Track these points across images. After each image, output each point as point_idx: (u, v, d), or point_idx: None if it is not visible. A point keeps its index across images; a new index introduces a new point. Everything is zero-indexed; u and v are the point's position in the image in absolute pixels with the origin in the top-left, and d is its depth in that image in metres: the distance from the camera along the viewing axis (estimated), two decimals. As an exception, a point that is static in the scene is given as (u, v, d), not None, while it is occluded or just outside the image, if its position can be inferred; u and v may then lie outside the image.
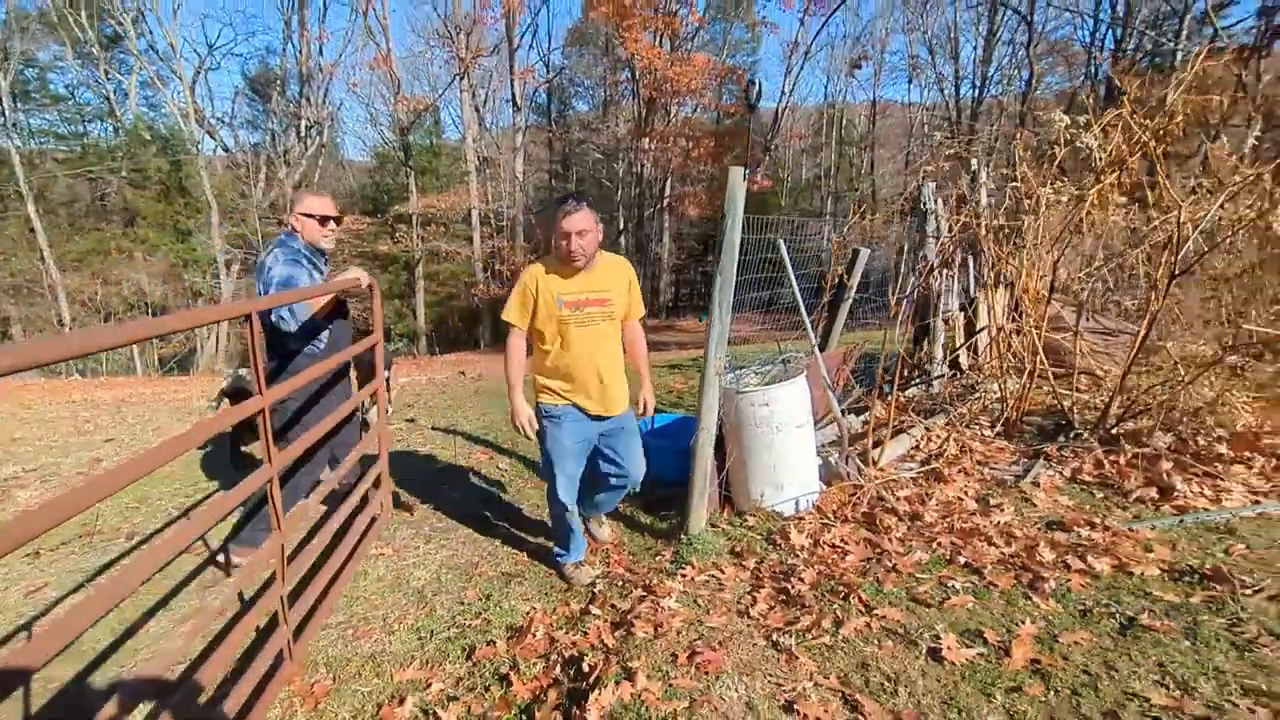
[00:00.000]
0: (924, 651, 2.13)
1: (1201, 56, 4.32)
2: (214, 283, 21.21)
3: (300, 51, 21.66)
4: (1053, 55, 21.07)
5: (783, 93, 25.05)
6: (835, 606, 2.41)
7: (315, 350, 2.77)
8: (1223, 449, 3.26)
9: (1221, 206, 3.60)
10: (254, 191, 21.55)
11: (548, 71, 27.30)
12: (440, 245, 22.40)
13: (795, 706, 1.91)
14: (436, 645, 2.40)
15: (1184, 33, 13.34)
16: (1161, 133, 3.87)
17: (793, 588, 2.55)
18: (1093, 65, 18.38)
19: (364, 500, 2.98)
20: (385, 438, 3.25)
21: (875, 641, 2.21)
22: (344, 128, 33.41)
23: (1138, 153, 3.85)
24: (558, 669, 2.18)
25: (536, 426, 2.66)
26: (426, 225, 22.39)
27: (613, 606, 2.54)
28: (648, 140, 22.76)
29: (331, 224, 2.85)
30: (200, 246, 21.62)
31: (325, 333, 2.81)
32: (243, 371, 4.73)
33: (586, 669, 2.12)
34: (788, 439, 3.13)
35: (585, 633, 2.36)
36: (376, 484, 3.18)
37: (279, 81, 23.43)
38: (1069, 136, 4.11)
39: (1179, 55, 12.45)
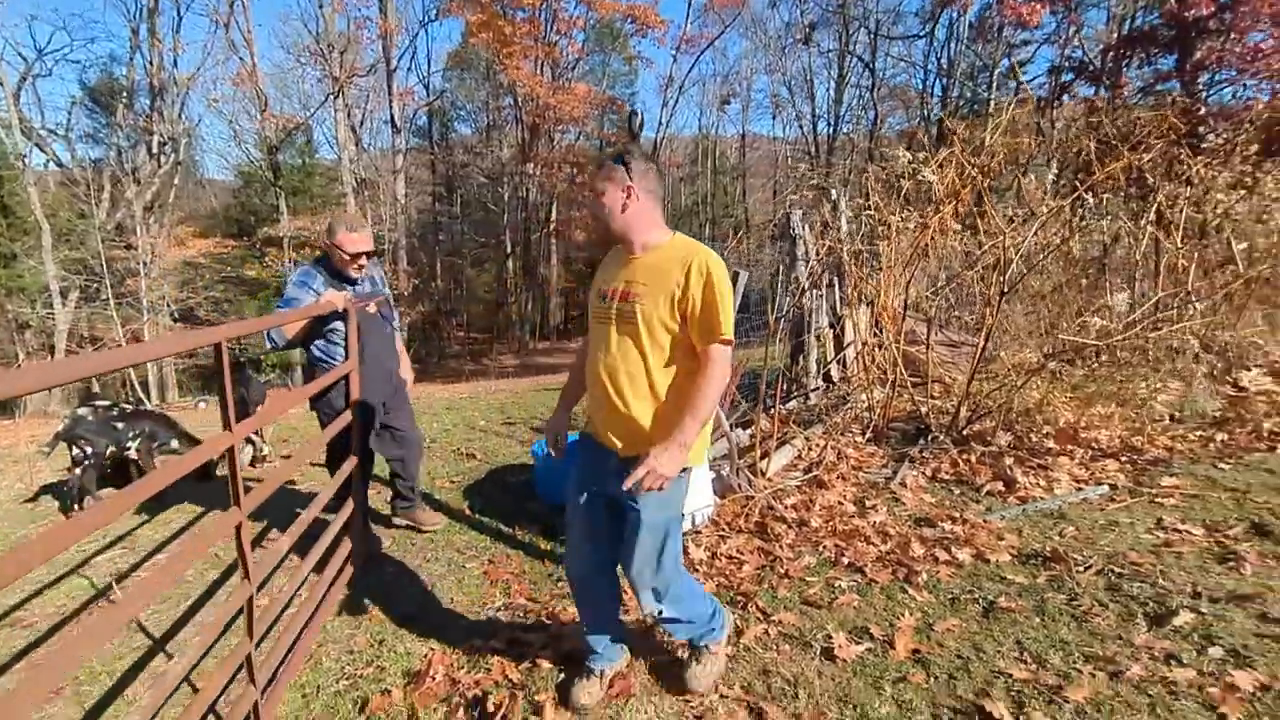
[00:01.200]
0: (818, 652, 2.20)
1: (1011, 106, 4.91)
2: (45, 313, 18.53)
3: (150, 62, 19.64)
4: (893, 99, 23.26)
5: (660, 124, 25.92)
6: (735, 616, 2.44)
7: (331, 363, 2.89)
8: (1050, 443, 3.67)
9: (1035, 233, 4.08)
10: (96, 212, 19.15)
11: (428, 94, 26.53)
12: (316, 270, 20.95)
13: (702, 718, 1.90)
14: (324, 702, 2.17)
15: (994, 84, 15.20)
16: (985, 169, 4.34)
17: (694, 602, 2.55)
18: (925, 109, 20.46)
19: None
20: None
21: (774, 647, 2.25)
22: (204, 145, 30.65)
23: (968, 186, 4.29)
24: (460, 712, 2.04)
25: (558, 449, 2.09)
26: (301, 248, 20.87)
27: (515, 639, 2.43)
28: (532, 165, 22.65)
29: (363, 259, 2.90)
30: (28, 272, 18.85)
31: (340, 348, 2.89)
32: (82, 412, 4.14)
33: (491, 708, 2.00)
34: (682, 456, 3.15)
35: (488, 670, 2.23)
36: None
37: (125, 93, 21.06)
38: (911, 171, 4.52)
39: (992, 104, 14.14)
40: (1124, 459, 3.53)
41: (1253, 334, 4.36)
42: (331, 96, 21.03)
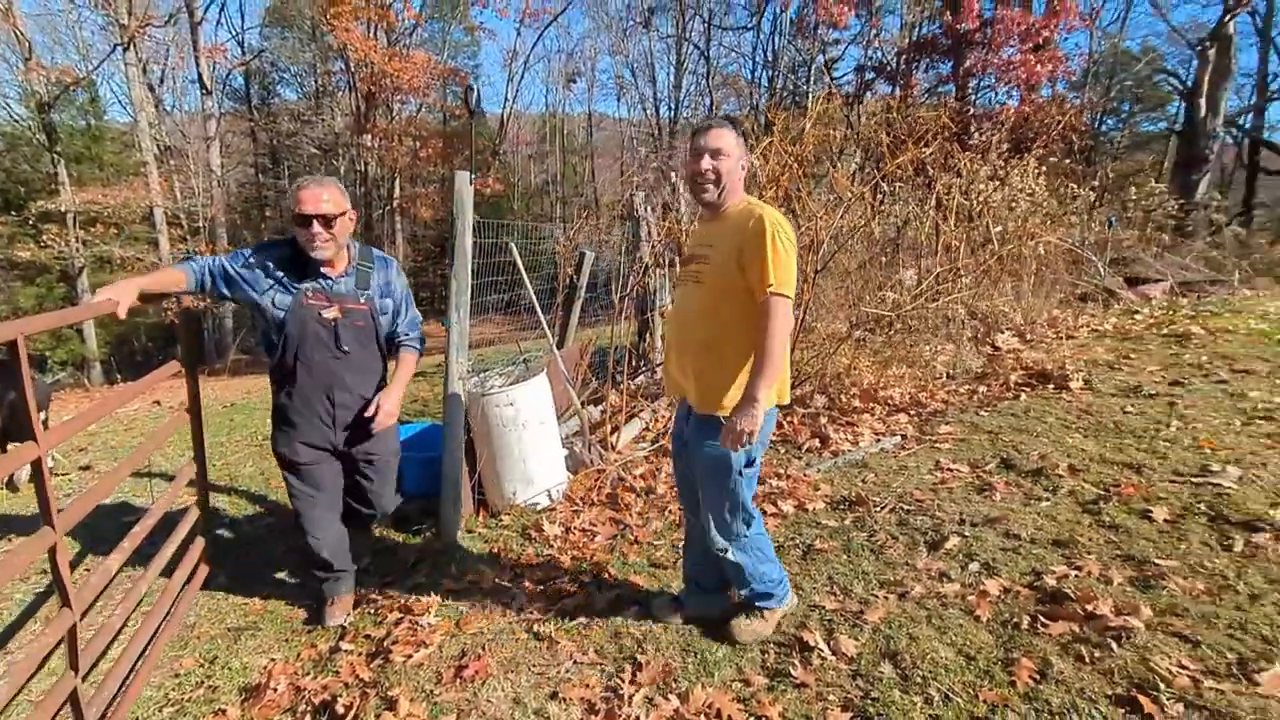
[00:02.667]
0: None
1: (822, 99, 5.35)
2: None
3: None
4: (727, 87, 24.30)
5: (506, 99, 25.03)
6: (589, 586, 2.52)
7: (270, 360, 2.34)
8: (856, 403, 4.13)
9: (842, 216, 4.52)
10: None
11: (243, 52, 23.42)
12: (113, 250, 17.88)
13: (559, 692, 1.96)
14: (147, 734, 1.96)
15: (812, 79, 16.42)
16: (800, 158, 4.71)
17: (550, 577, 2.60)
18: (754, 98, 21.63)
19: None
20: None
21: (625, 610, 2.36)
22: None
23: (785, 173, 4.63)
24: (308, 719, 1.93)
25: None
26: (90, 225, 17.70)
27: (366, 637, 2.33)
28: (370, 137, 20.88)
29: (318, 225, 2.16)
30: None
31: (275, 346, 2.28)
32: None
33: (341, 710, 1.91)
34: (534, 434, 3.17)
35: (337, 672, 2.12)
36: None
37: None
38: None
39: (810, 97, 15.28)
40: (912, 412, 4.08)
41: (1004, 303, 5.21)
42: (120, 48, 17.87)
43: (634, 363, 5.04)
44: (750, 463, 1.95)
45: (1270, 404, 3.73)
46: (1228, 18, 13.29)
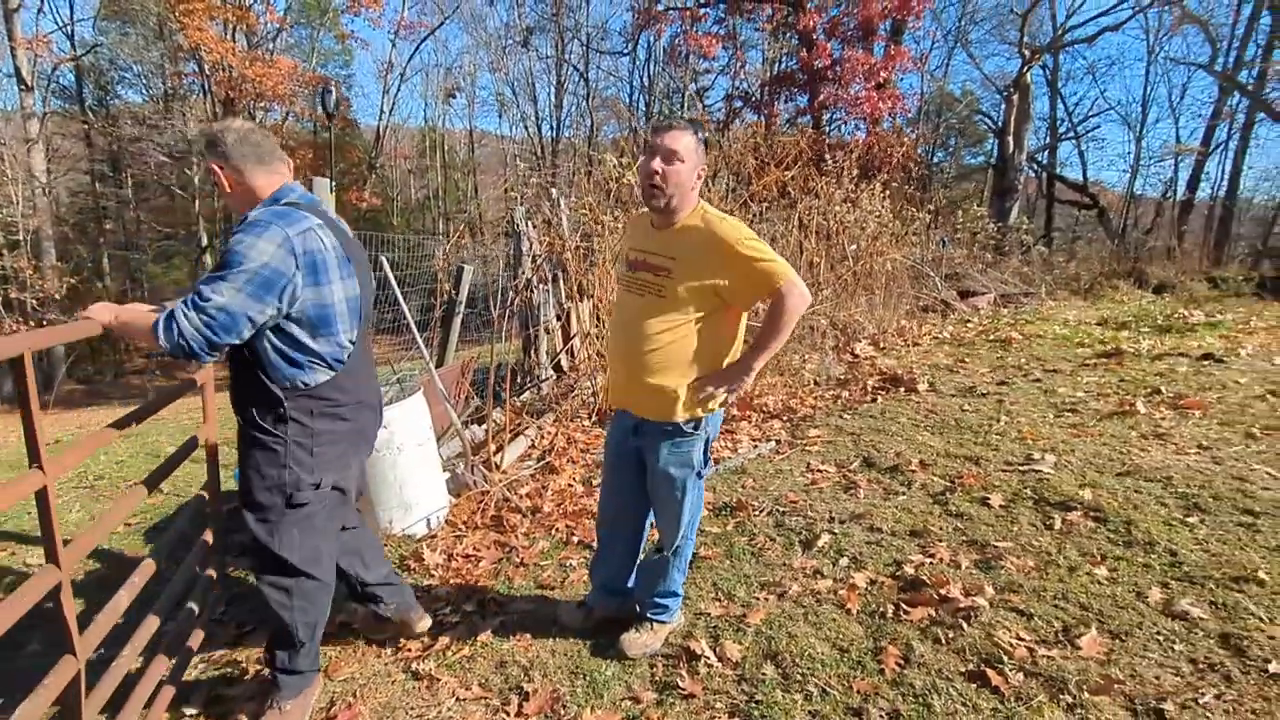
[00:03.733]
0: (552, 632, 2.23)
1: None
2: None
3: None
4: (606, 108, 24.62)
5: (382, 111, 23.79)
6: (472, 615, 2.36)
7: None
8: (734, 410, 4.24)
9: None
10: None
11: (73, 47, 20.52)
12: (-99, 265, 14.92)
13: (437, 735, 1.79)
14: None
15: (685, 105, 17.04)
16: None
17: (430, 609, 2.40)
18: (633, 121, 22.10)
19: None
20: None
21: (511, 637, 2.22)
22: None
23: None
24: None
25: None
26: None
27: (216, 696, 2.02)
28: (229, 145, 18.99)
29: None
30: None
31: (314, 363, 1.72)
32: None
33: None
34: (411, 458, 2.93)
35: (176, 746, 1.81)
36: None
37: None
38: (617, 176, 4.81)
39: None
40: (785, 418, 4.25)
41: (860, 314, 5.60)
42: (-93, 34, 15.08)
43: (519, 379, 4.88)
44: (706, 463, 1.97)
45: (1073, 398, 4.26)
46: (1025, 69, 15.37)
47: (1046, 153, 21.15)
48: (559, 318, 5.27)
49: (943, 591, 2.23)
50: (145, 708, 1.77)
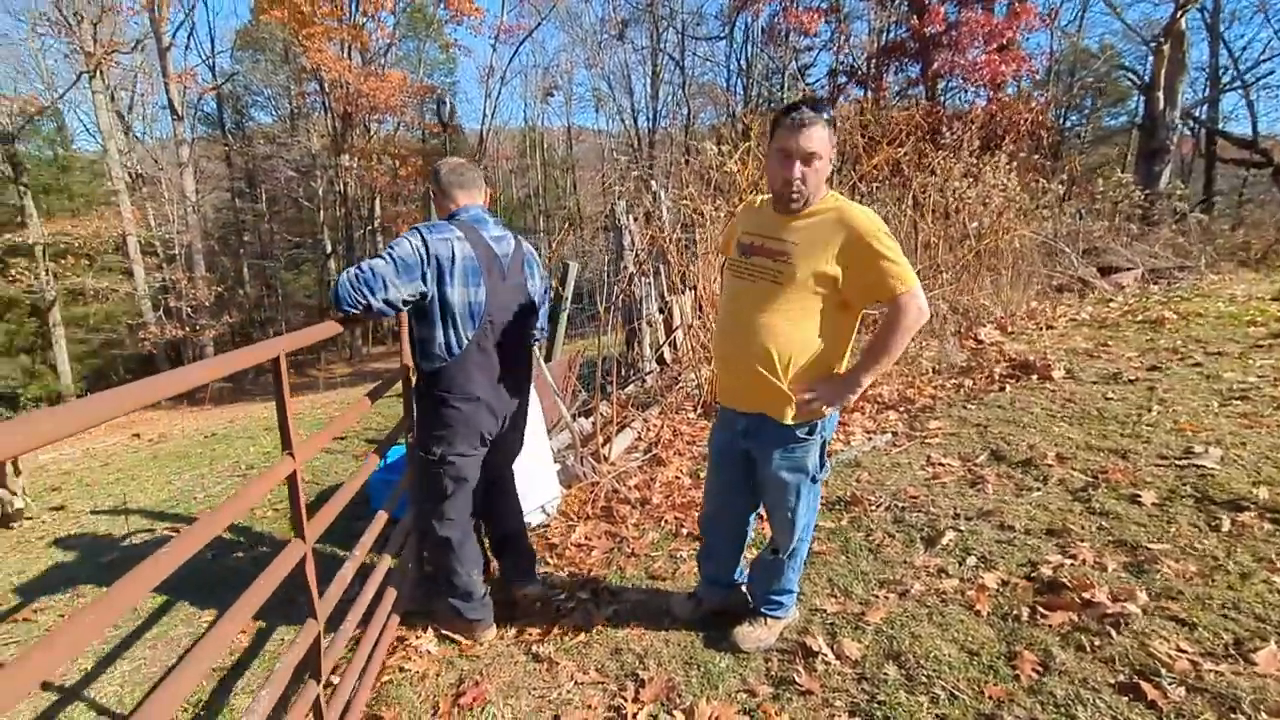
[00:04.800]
0: (665, 623, 2.31)
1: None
2: None
3: None
4: (703, 95, 24.48)
5: (484, 115, 25.01)
6: (587, 602, 2.48)
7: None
8: (846, 402, 4.14)
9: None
10: None
11: (214, 77, 23.18)
12: (85, 282, 17.53)
13: (560, 715, 1.92)
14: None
15: (785, 85, 16.61)
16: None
17: (547, 595, 2.55)
18: (730, 106, 21.83)
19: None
20: None
21: (625, 625, 2.32)
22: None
23: (765, 177, 4.64)
24: None
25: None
26: (60, 258, 17.35)
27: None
28: (348, 157, 20.77)
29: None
30: None
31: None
32: None
33: None
34: (524, 450, 3.12)
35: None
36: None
37: None
38: (718, 164, 4.81)
39: (784, 103, 15.43)
40: (901, 409, 4.10)
41: (984, 297, 5.26)
42: (85, 75, 17.63)
43: (623, 372, 5.02)
44: (822, 468, 1.92)
45: (1244, 384, 3.79)
46: (1179, 14, 13.64)
47: (1206, 107, 18.68)
48: (661, 310, 5.36)
49: (1086, 595, 2.09)
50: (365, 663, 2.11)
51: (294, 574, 1.69)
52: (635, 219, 5.28)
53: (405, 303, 1.96)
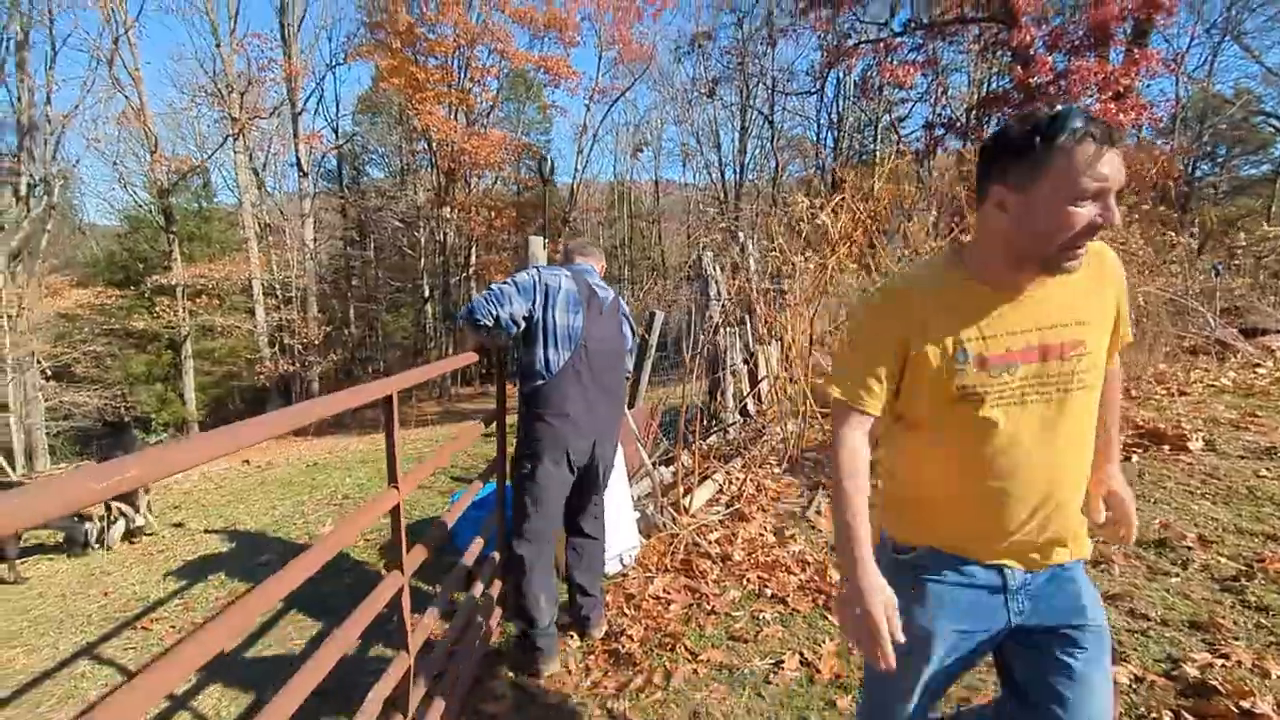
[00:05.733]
0: (747, 687, 2.21)
1: (890, 157, 5.34)
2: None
3: (19, 99, 18.05)
4: (791, 149, 24.74)
5: (576, 170, 26.32)
6: (664, 659, 2.42)
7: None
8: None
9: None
10: (-45, 261, 17.20)
11: (336, 137, 25.83)
12: (214, 319, 19.56)
13: (637, 772, 1.85)
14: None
15: (878, 137, 16.51)
16: (873, 213, 4.67)
17: (623, 647, 2.51)
18: (820, 159, 21.92)
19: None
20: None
21: (704, 686, 2.24)
22: (83, 188, 28.27)
23: (859, 228, 4.60)
24: None
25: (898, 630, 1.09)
26: (196, 297, 19.50)
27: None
28: (449, 209, 22.35)
29: None
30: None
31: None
32: None
33: None
34: (606, 496, 3.13)
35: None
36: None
37: (-13, 132, 19.25)
38: (809, 215, 4.80)
39: (877, 155, 15.33)
40: (1009, 476, 3.81)
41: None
42: (230, 138, 20.10)
43: (705, 422, 4.98)
44: None
45: None
46: (1332, 54, 12.56)
47: (1370, 153, 16.90)
48: (746, 361, 5.32)
49: (1245, 705, 1.83)
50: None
51: (387, 604, 1.76)
52: (722, 268, 5.33)
53: (524, 319, 2.29)
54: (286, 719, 1.28)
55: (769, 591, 2.81)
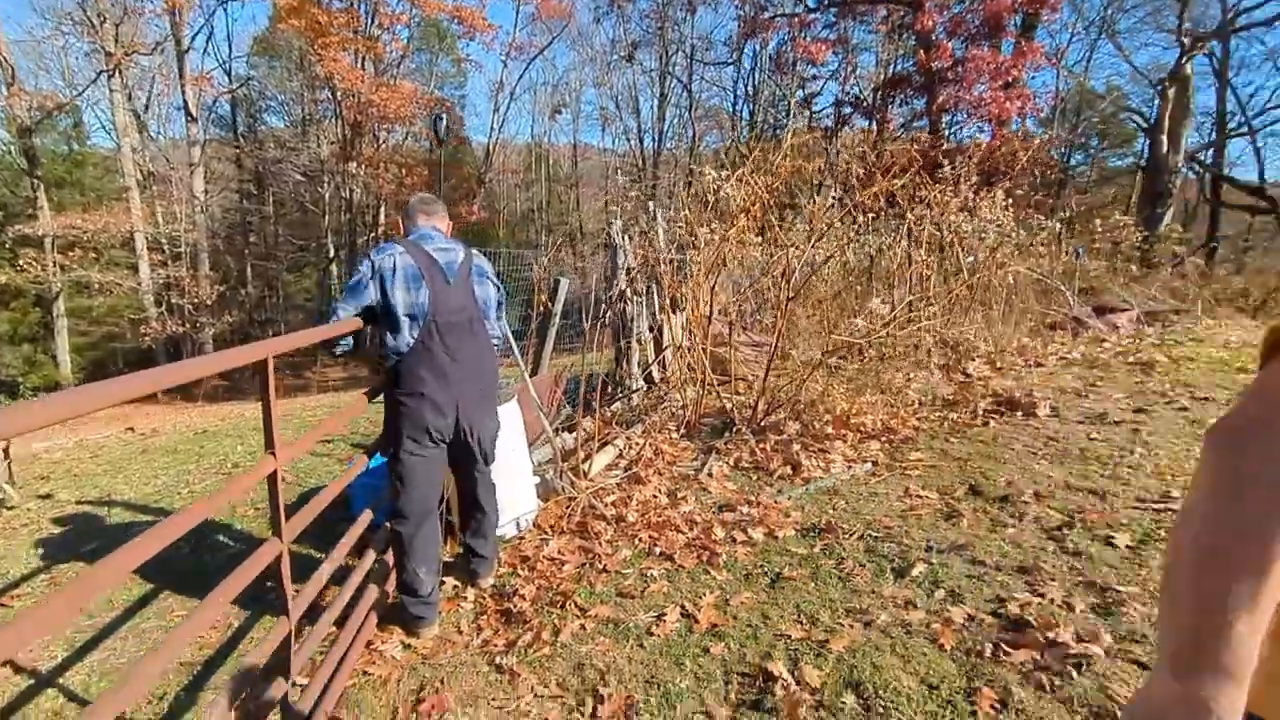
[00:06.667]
0: (630, 639, 2.31)
1: (790, 133, 5.47)
2: None
3: None
4: (709, 119, 24.81)
5: (492, 129, 25.33)
6: (554, 616, 2.48)
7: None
8: (829, 429, 4.15)
9: (814, 246, 4.59)
10: None
11: (230, 81, 23.57)
12: (90, 275, 17.67)
13: (516, 725, 1.91)
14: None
15: (791, 113, 16.85)
16: (771, 188, 4.79)
17: (515, 607, 2.56)
18: (736, 131, 22.11)
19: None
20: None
21: (590, 640, 2.32)
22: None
23: (756, 203, 4.70)
24: None
25: None
26: (68, 250, 17.51)
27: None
28: (355, 164, 21.01)
29: None
30: None
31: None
32: None
33: None
34: (503, 462, 3.13)
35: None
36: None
37: None
38: (715, 187, 4.87)
39: (790, 130, 15.66)
40: (883, 439, 4.10)
41: (973, 331, 5.29)
42: (105, 74, 17.94)
43: (610, 389, 5.04)
44: None
45: (1230, 431, 3.80)
46: (1185, 59, 13.88)
47: (1211, 152, 18.90)
48: (651, 330, 5.39)
49: (1051, 635, 2.09)
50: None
51: (272, 573, 1.72)
52: (630, 238, 5.33)
53: (367, 313, 2.28)
54: (149, 686, 1.24)
55: (658, 550, 2.92)
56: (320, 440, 5.59)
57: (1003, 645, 2.09)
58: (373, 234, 22.89)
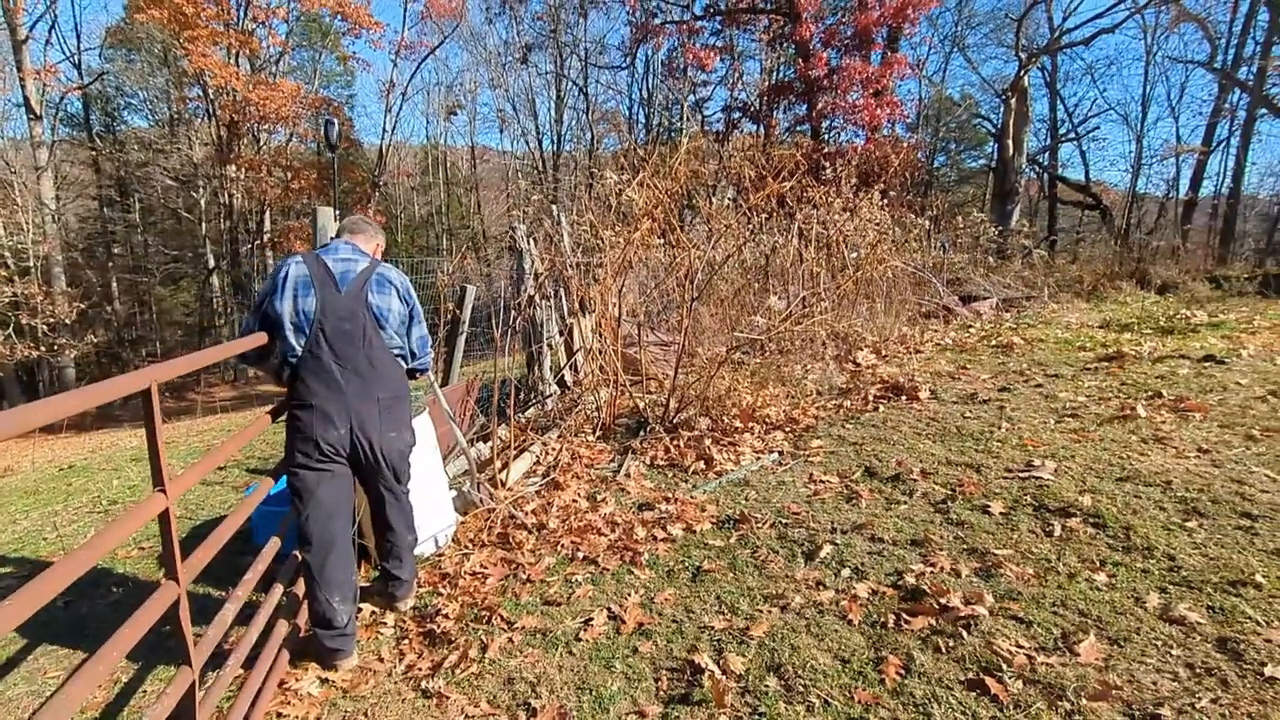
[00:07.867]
0: (559, 647, 2.28)
1: (690, 137, 5.59)
2: None
3: None
4: (606, 122, 24.85)
5: (385, 130, 24.09)
6: (480, 632, 2.41)
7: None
8: (737, 423, 4.29)
9: (713, 247, 4.72)
10: None
11: (80, 75, 20.96)
12: (-86, 294, 15.17)
13: (447, 752, 1.84)
14: None
15: (684, 116, 17.23)
16: (669, 191, 4.87)
17: (438, 627, 2.46)
18: (633, 134, 22.27)
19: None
20: None
21: (518, 653, 2.27)
22: None
23: (659, 205, 4.77)
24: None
25: None
26: (-119, 267, 14.94)
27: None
28: (234, 168, 19.32)
29: None
30: None
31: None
32: None
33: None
34: (417, 478, 2.99)
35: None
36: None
37: None
38: (617, 191, 4.89)
39: (684, 133, 16.00)
40: (787, 429, 4.29)
41: (860, 323, 5.65)
42: (-80, 67, 15.43)
43: (524, 396, 4.95)
44: None
45: (1074, 403, 4.29)
46: (1022, 72, 15.45)
47: (1047, 154, 21.19)
48: (561, 333, 5.34)
49: (943, 601, 2.27)
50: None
51: (169, 619, 1.56)
52: (536, 242, 5.25)
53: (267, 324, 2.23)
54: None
55: (581, 554, 2.90)
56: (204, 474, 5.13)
57: (903, 615, 2.24)
58: (256, 241, 21.17)
